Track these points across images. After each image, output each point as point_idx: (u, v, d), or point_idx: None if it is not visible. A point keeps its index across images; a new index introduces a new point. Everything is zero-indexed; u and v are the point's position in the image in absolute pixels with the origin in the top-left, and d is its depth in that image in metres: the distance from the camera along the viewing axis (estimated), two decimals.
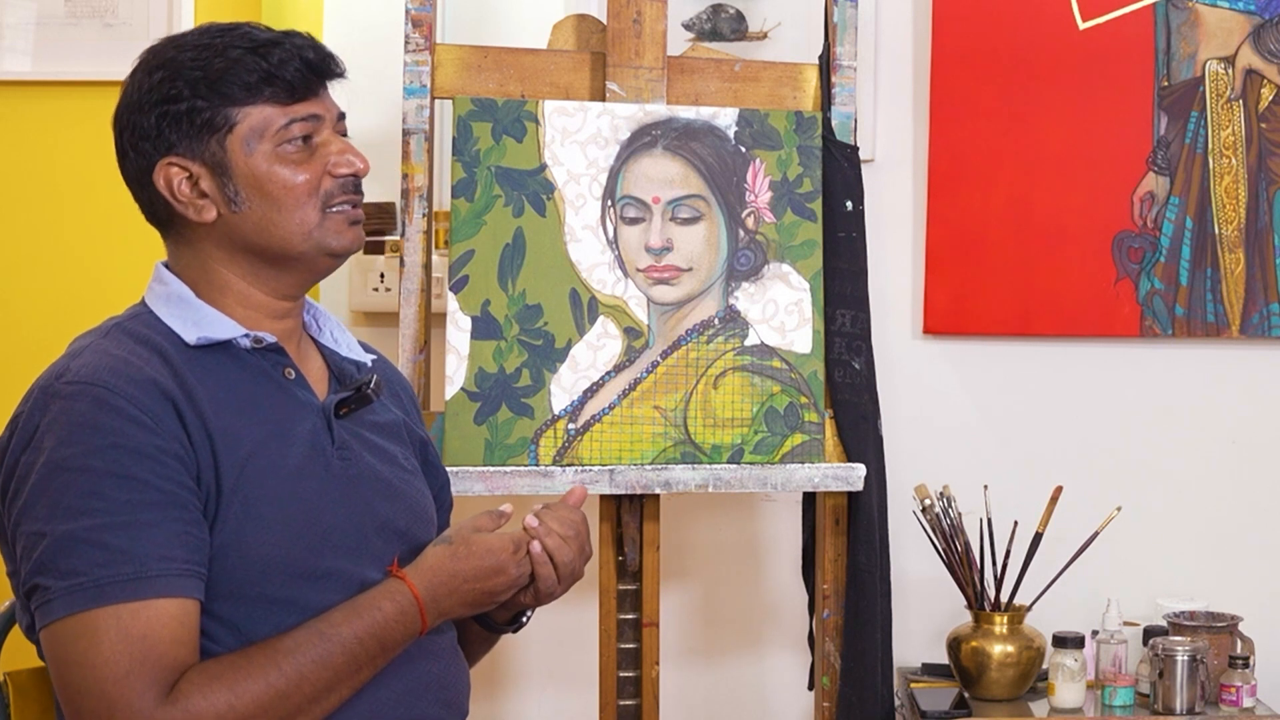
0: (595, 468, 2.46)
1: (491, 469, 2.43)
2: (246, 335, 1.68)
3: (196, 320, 1.67)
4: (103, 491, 1.53)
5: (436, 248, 2.69)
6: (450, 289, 2.47)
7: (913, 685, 2.74)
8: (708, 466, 2.49)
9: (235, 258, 1.70)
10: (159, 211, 1.70)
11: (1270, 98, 2.86)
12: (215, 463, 1.60)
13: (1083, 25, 2.88)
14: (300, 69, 1.67)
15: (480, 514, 1.78)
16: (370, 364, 1.84)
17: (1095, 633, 2.73)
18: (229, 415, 1.63)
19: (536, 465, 2.46)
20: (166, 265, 1.74)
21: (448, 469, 2.00)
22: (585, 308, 2.51)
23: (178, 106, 1.65)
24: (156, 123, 1.66)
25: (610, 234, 2.53)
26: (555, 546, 1.78)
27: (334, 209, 1.70)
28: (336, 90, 1.76)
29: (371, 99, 2.79)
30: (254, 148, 1.66)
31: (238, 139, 1.66)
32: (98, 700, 1.50)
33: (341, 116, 1.74)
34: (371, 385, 1.76)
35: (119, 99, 1.70)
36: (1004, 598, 2.68)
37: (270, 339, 1.70)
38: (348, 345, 1.83)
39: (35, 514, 1.54)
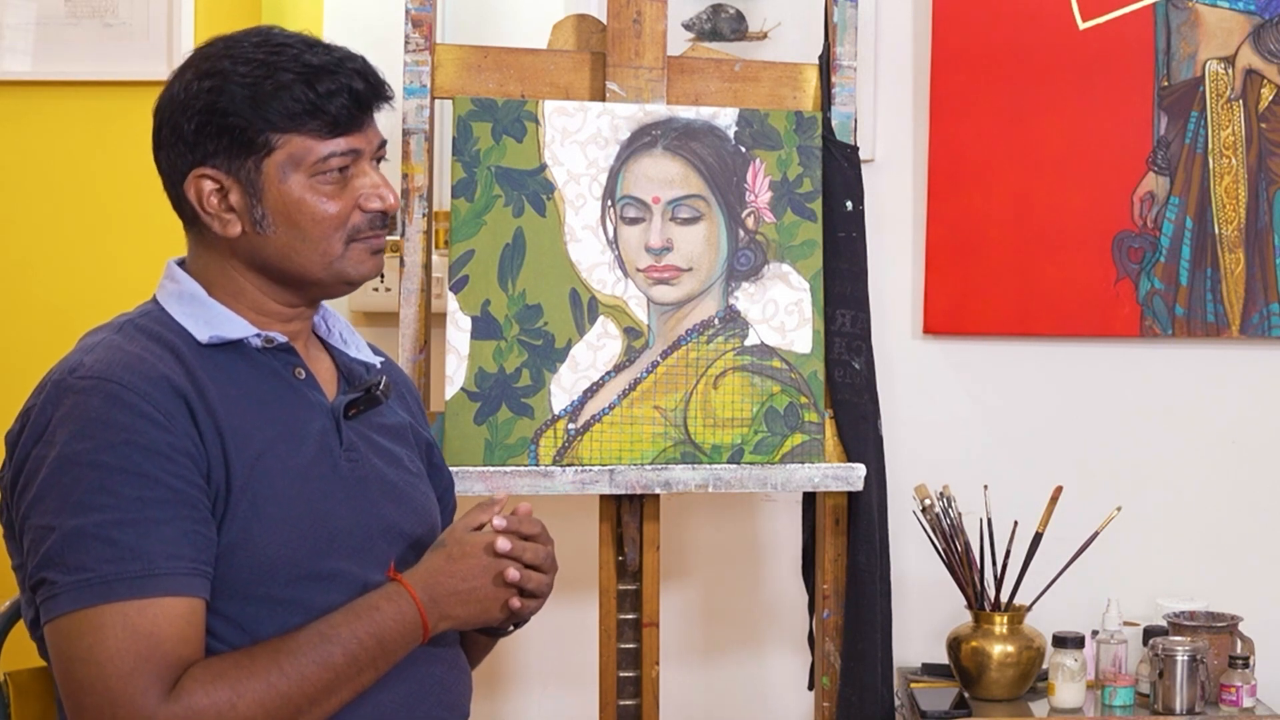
0: (595, 468, 2.46)
1: (491, 469, 2.43)
2: (258, 335, 1.69)
3: (208, 319, 1.68)
4: (113, 488, 1.53)
5: (436, 248, 2.69)
6: (450, 289, 2.48)
7: (913, 685, 2.74)
8: (708, 466, 2.49)
9: (251, 271, 1.70)
10: (185, 209, 1.70)
11: (1270, 98, 2.86)
12: (226, 461, 1.60)
13: (1083, 25, 2.88)
14: (347, 104, 1.66)
15: (473, 510, 1.77)
16: (379, 365, 1.84)
17: (1095, 633, 2.73)
18: (240, 414, 1.63)
19: (536, 465, 2.46)
20: (179, 263, 1.74)
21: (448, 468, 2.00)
22: (585, 308, 2.51)
23: (222, 121, 1.64)
24: (196, 130, 1.65)
25: (610, 234, 2.53)
26: (537, 585, 1.77)
27: (359, 241, 1.70)
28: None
29: None
30: (289, 175, 1.66)
31: (274, 164, 1.65)
32: (101, 696, 1.51)
33: (382, 144, 1.73)
34: (380, 387, 1.76)
35: (165, 89, 1.69)
36: (1004, 598, 2.68)
37: (281, 339, 1.71)
38: (356, 346, 1.83)
39: (45, 508, 1.54)
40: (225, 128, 1.64)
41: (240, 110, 1.64)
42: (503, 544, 1.71)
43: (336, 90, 1.66)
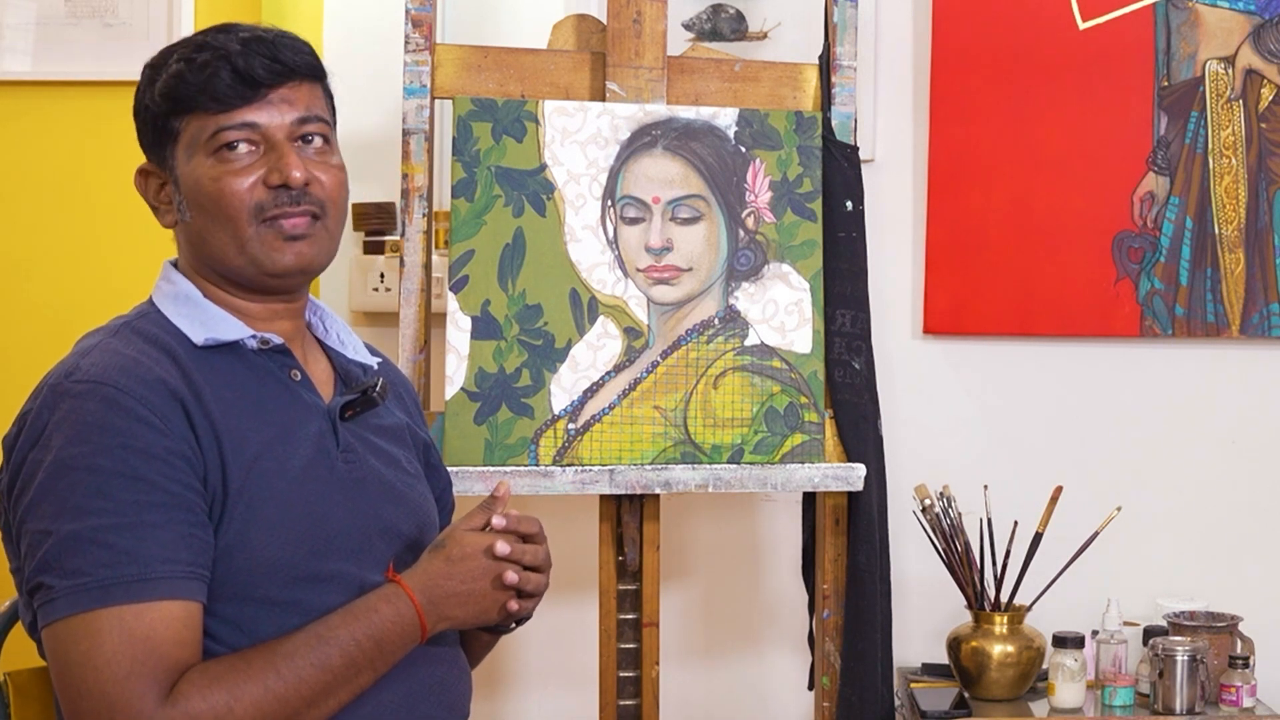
0: (595, 468, 2.46)
1: (491, 469, 2.43)
2: (254, 336, 1.69)
3: (204, 320, 1.68)
4: (110, 492, 1.53)
5: (436, 248, 2.69)
6: (450, 289, 2.48)
7: (913, 685, 2.74)
8: (708, 466, 2.49)
9: (198, 263, 1.72)
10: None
11: (1270, 98, 2.86)
12: (223, 464, 1.60)
13: (1083, 25, 2.88)
14: (227, 78, 1.64)
15: (474, 510, 1.75)
16: (376, 366, 1.84)
17: (1095, 633, 2.73)
18: (236, 416, 1.63)
19: (536, 465, 2.46)
20: (174, 264, 1.75)
21: (448, 469, 2.00)
22: (585, 308, 2.51)
23: (145, 114, 1.71)
24: (139, 128, 1.72)
25: (610, 234, 2.53)
26: (535, 586, 1.76)
27: (266, 223, 1.66)
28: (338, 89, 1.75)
29: (371, 99, 2.79)
30: (192, 157, 1.67)
31: (181, 148, 1.68)
32: (98, 701, 1.50)
33: (306, 120, 1.68)
34: (377, 389, 1.76)
35: None
36: (1004, 598, 2.68)
37: (277, 340, 1.70)
38: (354, 347, 1.83)
39: (41, 512, 1.54)
40: (146, 120, 1.70)
41: (152, 101, 1.68)
42: (501, 547, 1.70)
43: (212, 64, 1.64)
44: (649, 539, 2.54)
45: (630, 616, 2.55)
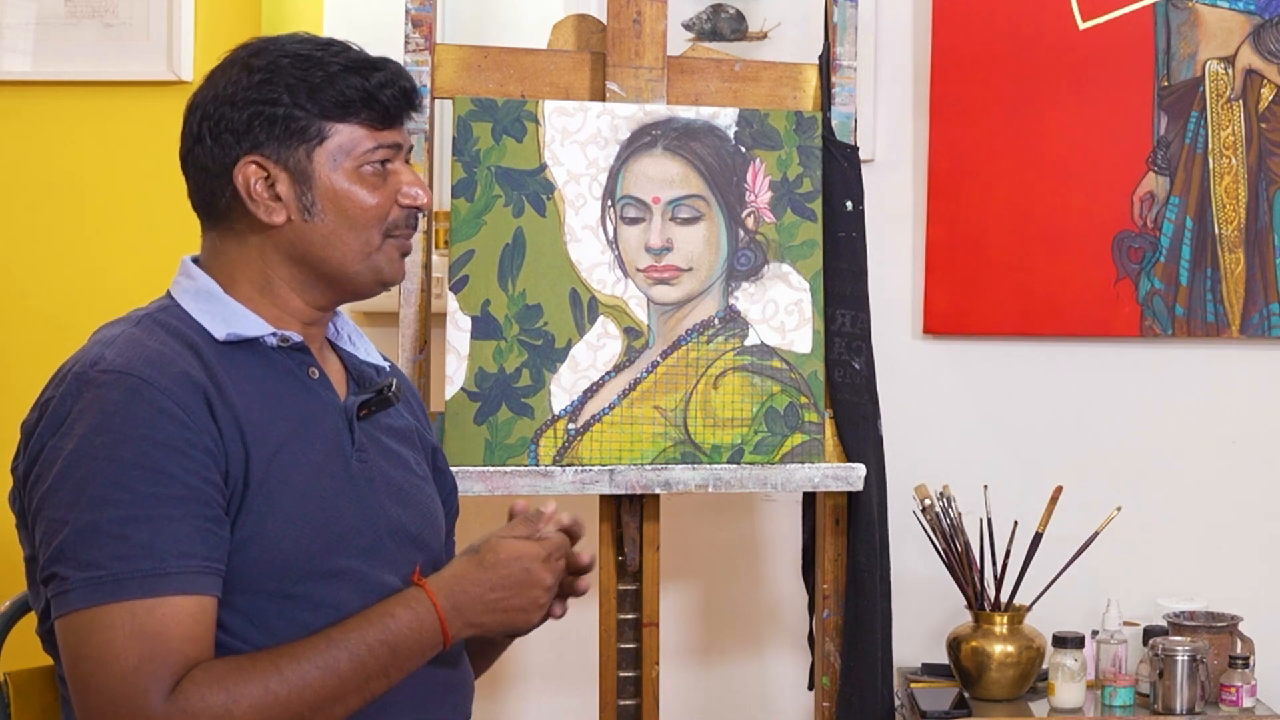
0: (595, 468, 2.46)
1: (491, 469, 2.43)
2: (274, 334, 1.69)
3: (225, 316, 1.68)
4: (128, 483, 1.53)
5: (436, 248, 2.69)
6: (450, 289, 2.48)
7: (913, 685, 2.74)
8: (708, 466, 2.49)
9: (287, 263, 1.71)
10: (220, 203, 1.70)
11: (1270, 98, 2.86)
12: (245, 455, 1.60)
13: (1083, 25, 2.88)
14: (397, 96, 1.71)
15: (516, 523, 1.76)
16: (388, 368, 1.85)
17: (1095, 633, 2.73)
18: (258, 409, 1.64)
19: (536, 465, 2.46)
20: (194, 260, 1.74)
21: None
22: (585, 308, 2.51)
23: (274, 110, 1.67)
24: (249, 120, 1.67)
25: (610, 234, 2.53)
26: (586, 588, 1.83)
27: (393, 238, 1.73)
28: None
29: None
30: (339, 164, 1.69)
31: (325, 152, 1.68)
32: (104, 695, 1.51)
33: (410, 149, 1.78)
34: (392, 389, 1.77)
35: (204, 88, 1.71)
36: (1004, 598, 2.68)
37: (297, 338, 1.71)
38: (365, 349, 1.84)
39: (59, 500, 1.54)
40: (280, 118, 1.67)
41: (296, 100, 1.67)
42: (584, 585, 1.80)
43: (387, 83, 1.70)
44: (649, 539, 2.54)
45: (630, 616, 2.55)
